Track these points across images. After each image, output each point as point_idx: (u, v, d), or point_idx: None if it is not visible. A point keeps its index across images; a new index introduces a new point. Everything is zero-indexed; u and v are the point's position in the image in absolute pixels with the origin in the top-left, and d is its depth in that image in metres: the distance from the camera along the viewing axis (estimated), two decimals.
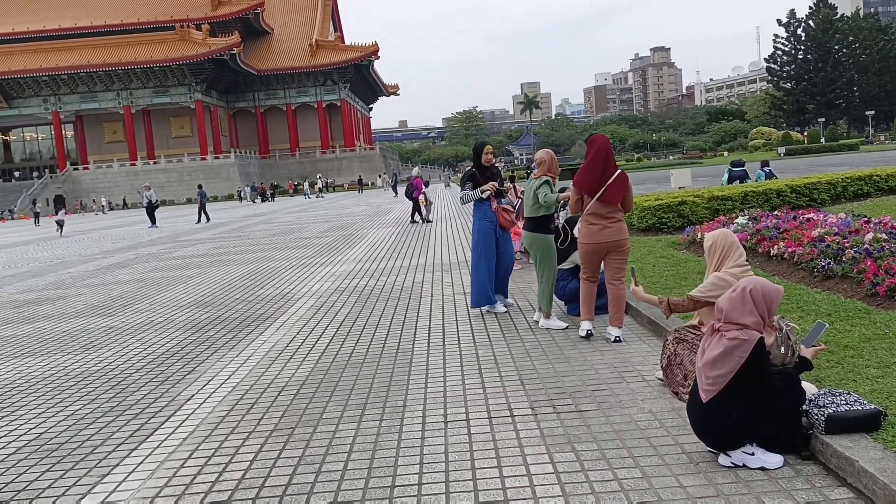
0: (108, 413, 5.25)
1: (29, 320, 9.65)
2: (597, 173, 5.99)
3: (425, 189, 23.02)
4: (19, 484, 4.06)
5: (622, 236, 6.06)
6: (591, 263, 6.18)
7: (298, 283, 11.01)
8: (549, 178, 6.67)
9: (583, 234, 6.17)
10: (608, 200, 5.99)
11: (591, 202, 5.99)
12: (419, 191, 22.24)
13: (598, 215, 6.01)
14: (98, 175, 78.83)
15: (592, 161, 6.03)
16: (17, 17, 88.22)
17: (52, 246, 24.90)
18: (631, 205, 6.18)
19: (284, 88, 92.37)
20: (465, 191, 7.55)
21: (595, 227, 6.02)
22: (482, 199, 7.48)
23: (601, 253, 6.09)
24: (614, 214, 6.03)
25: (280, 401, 5.20)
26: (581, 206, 6.12)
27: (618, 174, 6.00)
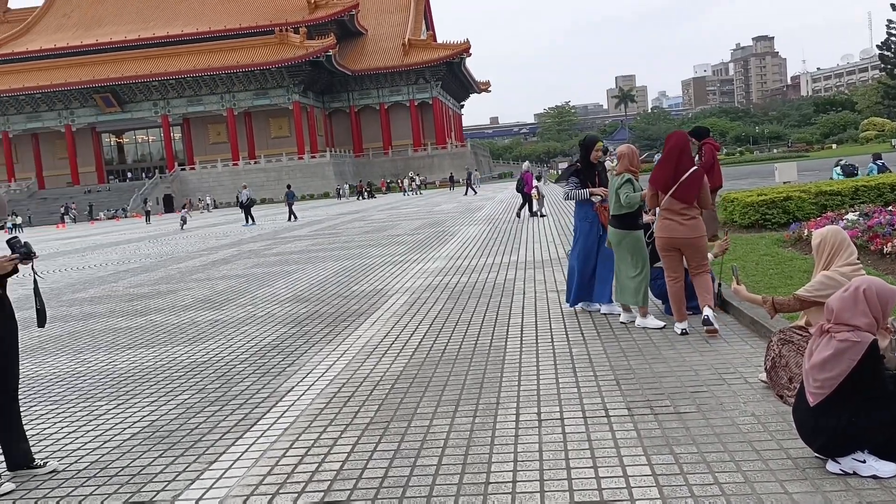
0: (215, 402, 5.49)
1: (142, 313, 10.20)
2: (670, 170, 6.02)
3: (538, 183, 23.05)
4: (134, 468, 4.31)
5: (697, 233, 6.03)
6: (669, 259, 6.20)
7: (391, 280, 11.19)
8: (631, 177, 6.57)
9: (658, 229, 6.23)
10: (681, 197, 5.99)
11: (665, 198, 6.04)
12: (530, 185, 22.26)
13: (673, 211, 6.03)
14: (203, 175, 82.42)
15: (666, 157, 6.11)
16: (129, 25, 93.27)
17: (162, 242, 26.23)
18: (707, 202, 6.18)
19: (378, 88, 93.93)
20: (569, 187, 7.30)
21: (669, 222, 6.05)
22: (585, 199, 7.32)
23: (675, 248, 6.11)
24: (689, 211, 6.02)
25: (375, 395, 5.31)
26: (657, 202, 6.18)
27: (692, 171, 5.99)
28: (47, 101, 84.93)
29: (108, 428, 5.12)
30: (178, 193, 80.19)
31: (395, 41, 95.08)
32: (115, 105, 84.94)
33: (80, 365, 7.21)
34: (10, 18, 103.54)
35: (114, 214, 71.12)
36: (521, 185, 22.60)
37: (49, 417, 5.51)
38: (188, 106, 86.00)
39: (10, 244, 4.30)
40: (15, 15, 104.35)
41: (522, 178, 22.73)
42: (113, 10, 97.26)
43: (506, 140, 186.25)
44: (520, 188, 22.75)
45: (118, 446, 4.72)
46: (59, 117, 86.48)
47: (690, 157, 6.18)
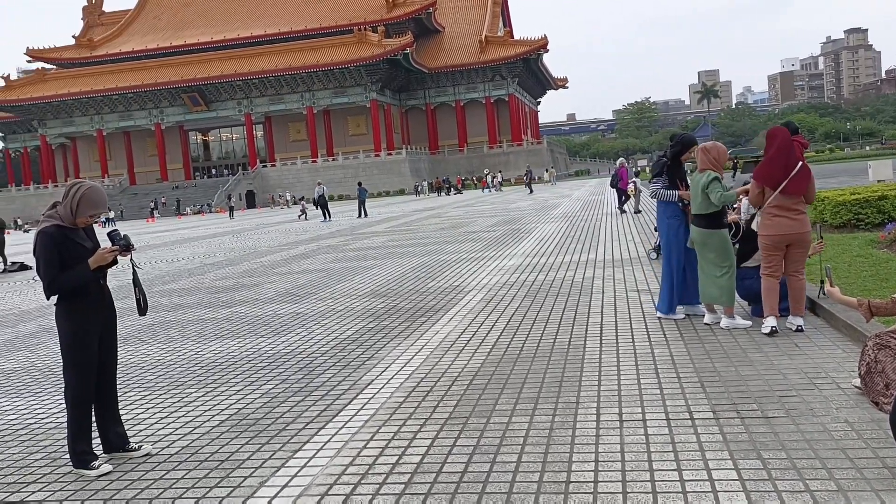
0: (298, 393, 5.63)
1: (227, 305, 10.53)
2: (779, 166, 5.97)
3: (635, 179, 22.75)
4: (223, 454, 4.46)
5: (805, 229, 6.03)
6: (773, 257, 6.11)
7: (468, 276, 11.23)
8: (717, 175, 6.40)
9: (765, 227, 6.10)
10: (792, 192, 5.96)
11: (773, 195, 5.97)
12: (625, 181, 22.01)
13: (782, 207, 5.98)
14: (283, 172, 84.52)
15: (775, 154, 6.02)
16: (214, 27, 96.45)
17: (245, 237, 27.03)
18: (813, 197, 6.14)
19: (454, 85, 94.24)
20: (658, 185, 7.07)
21: (778, 219, 5.99)
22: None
23: (783, 245, 6.03)
24: (797, 206, 6.00)
25: (454, 390, 5.34)
26: (762, 199, 6.09)
27: (800, 166, 5.94)
28: (139, 100, 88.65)
29: (197, 415, 5.32)
30: (260, 190, 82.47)
31: (471, 38, 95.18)
32: (202, 104, 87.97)
33: (171, 353, 7.51)
34: (104, 21, 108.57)
35: (199, 209, 73.74)
36: (616, 181, 22.34)
37: (142, 403, 5.76)
38: (270, 104, 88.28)
39: (110, 236, 4.52)
40: (109, 18, 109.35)
41: (617, 174, 22.45)
42: (199, 13, 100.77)
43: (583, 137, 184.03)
44: (614, 184, 22.49)
45: (207, 432, 4.90)
46: (149, 116, 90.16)
47: (797, 152, 6.08)
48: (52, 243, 4.30)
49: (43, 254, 4.30)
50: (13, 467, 4.56)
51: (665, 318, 7.05)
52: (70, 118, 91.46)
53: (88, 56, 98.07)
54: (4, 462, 4.67)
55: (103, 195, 4.46)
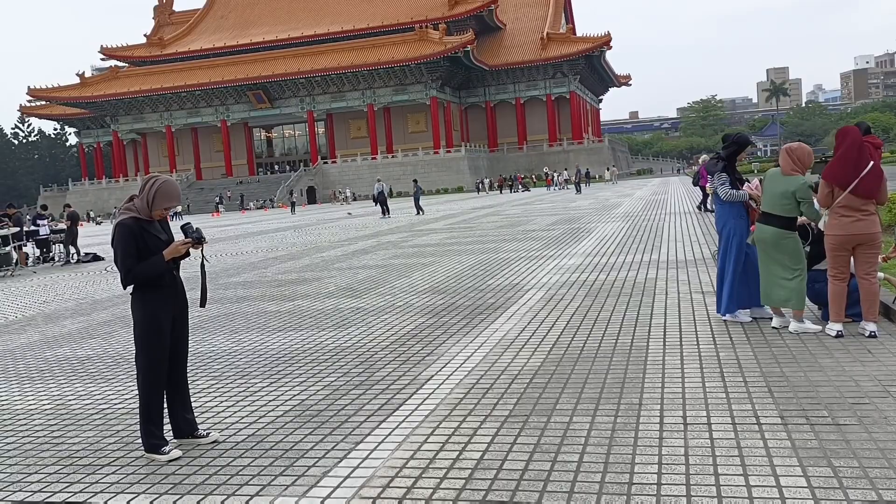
0: (359, 386, 5.71)
1: (290, 298, 10.74)
2: (850, 166, 5.87)
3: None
4: (287, 444, 4.56)
5: (875, 229, 5.90)
6: (840, 258, 6.01)
7: (527, 275, 11.18)
8: (811, 184, 6.27)
9: (832, 227, 5.99)
10: (862, 193, 5.85)
11: (842, 195, 5.88)
12: (706, 179, 21.60)
13: (851, 208, 5.88)
14: (344, 168, 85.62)
15: (845, 154, 5.92)
16: (279, 26, 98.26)
17: (306, 232, 27.48)
18: (885, 197, 6.01)
19: (514, 83, 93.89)
20: (726, 185, 6.86)
21: (847, 219, 5.89)
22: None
23: (850, 246, 5.93)
24: (867, 207, 5.89)
25: (514, 388, 5.34)
26: (831, 199, 5.99)
27: (871, 166, 5.82)
28: (206, 97, 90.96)
29: (262, 404, 5.44)
30: (321, 186, 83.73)
31: (533, 35, 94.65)
32: (266, 101, 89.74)
33: (236, 344, 7.70)
34: (174, 20, 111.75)
35: (262, 205, 75.28)
36: (697, 179, 21.87)
37: (210, 391, 5.93)
38: (332, 102, 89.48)
39: (183, 229, 4.66)
40: (179, 17, 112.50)
41: (699, 172, 21.98)
42: (265, 12, 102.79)
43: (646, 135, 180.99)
44: (696, 181, 22.04)
45: (271, 422, 5.01)
46: (215, 113, 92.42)
47: (868, 152, 5.91)
48: (129, 235, 4.45)
49: (121, 245, 4.46)
50: (88, 450, 4.75)
51: (731, 320, 6.90)
52: (141, 114, 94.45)
53: (159, 54, 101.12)
54: (80, 445, 4.87)
55: (177, 189, 4.61)
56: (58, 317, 10.75)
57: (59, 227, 23.14)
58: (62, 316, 10.81)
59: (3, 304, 12.94)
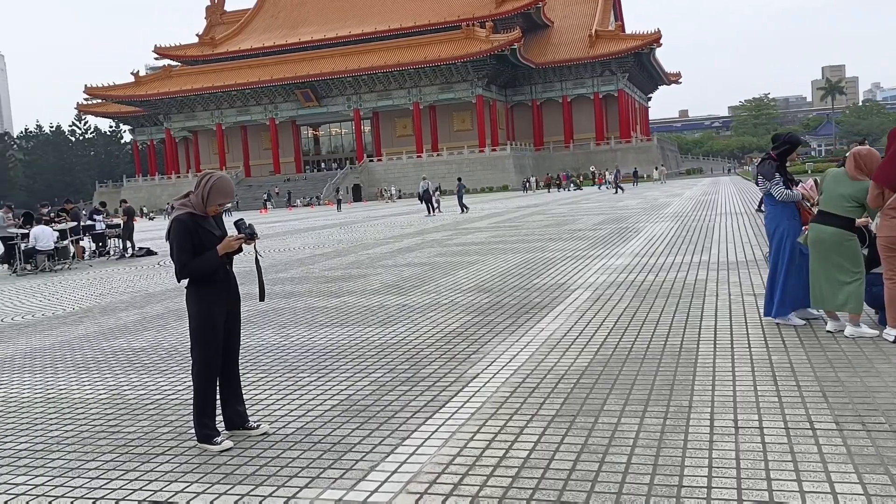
0: (405, 383, 5.75)
1: (336, 294, 10.86)
2: None
3: None
4: (334, 437, 4.62)
5: None
6: (893, 260, 5.85)
7: (573, 275, 11.11)
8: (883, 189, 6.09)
9: (884, 228, 5.84)
10: None
11: (893, 196, 5.75)
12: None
13: None
14: (389, 166, 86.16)
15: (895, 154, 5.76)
16: (328, 25, 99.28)
17: (352, 229, 27.74)
18: None
19: (561, 81, 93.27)
20: (780, 186, 6.72)
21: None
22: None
23: None
24: None
25: (560, 388, 5.31)
26: (882, 200, 5.85)
27: None
28: (255, 96, 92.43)
29: (310, 398, 5.52)
30: (366, 183, 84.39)
31: (581, 33, 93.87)
32: (314, 100, 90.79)
33: (284, 339, 7.82)
34: (225, 20, 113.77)
35: (309, 202, 76.21)
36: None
37: (259, 384, 6.03)
38: (378, 100, 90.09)
39: (236, 225, 4.75)
40: (230, 17, 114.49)
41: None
42: (314, 11, 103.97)
43: (696, 134, 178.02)
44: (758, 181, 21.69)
45: (319, 416, 5.08)
46: (264, 111, 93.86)
47: None
48: (185, 230, 4.56)
49: (176, 240, 4.57)
50: (143, 439, 4.88)
51: (783, 323, 6.75)
52: (192, 113, 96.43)
53: (210, 53, 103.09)
54: (135, 434, 5.00)
55: (231, 185, 4.69)
56: (113, 309, 11.06)
57: (115, 222, 23.77)
58: (117, 308, 11.11)
59: (61, 296, 13.35)
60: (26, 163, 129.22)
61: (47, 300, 12.80)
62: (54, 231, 19.18)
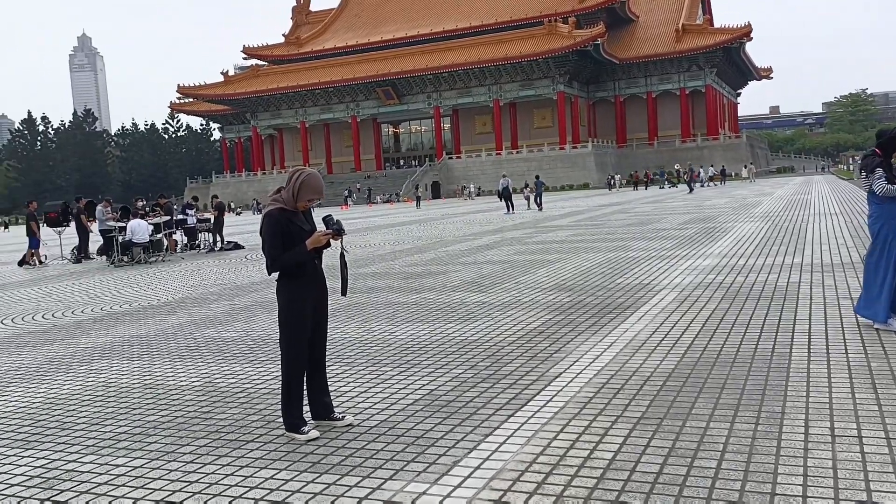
0: (487, 380, 5.75)
1: (416, 291, 10.95)
2: None
3: None
4: (418, 431, 4.66)
5: None
6: None
7: (658, 275, 10.87)
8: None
9: None
10: None
11: None
12: None
13: None
14: (468, 163, 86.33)
15: None
16: (409, 23, 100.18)
17: (431, 226, 27.95)
18: None
19: (646, 76, 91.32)
20: (882, 181, 6.42)
21: None
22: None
23: None
24: None
25: (646, 390, 5.21)
26: None
27: None
28: (338, 94, 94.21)
29: (393, 392, 5.59)
30: (445, 181, 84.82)
31: (667, 27, 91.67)
32: (394, 97, 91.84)
33: (367, 333, 7.94)
34: (311, 20, 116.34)
35: (388, 198, 77.19)
36: None
37: (343, 377, 6.15)
38: (458, 98, 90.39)
39: (324, 221, 4.85)
40: (315, 17, 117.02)
41: None
42: (396, 10, 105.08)
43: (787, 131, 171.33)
44: None
45: (402, 409, 5.14)
46: (346, 109, 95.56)
47: None
48: (275, 225, 4.69)
49: (268, 234, 4.70)
50: (233, 426, 5.05)
51: (884, 329, 6.43)
52: (278, 111, 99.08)
53: (295, 53, 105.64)
54: (226, 421, 5.18)
55: (321, 182, 4.80)
56: (204, 300, 11.48)
57: (205, 217, 24.67)
58: (208, 300, 11.53)
59: (156, 287, 13.95)
60: (123, 159, 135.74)
61: (143, 291, 13.40)
62: (149, 225, 20.06)
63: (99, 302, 12.19)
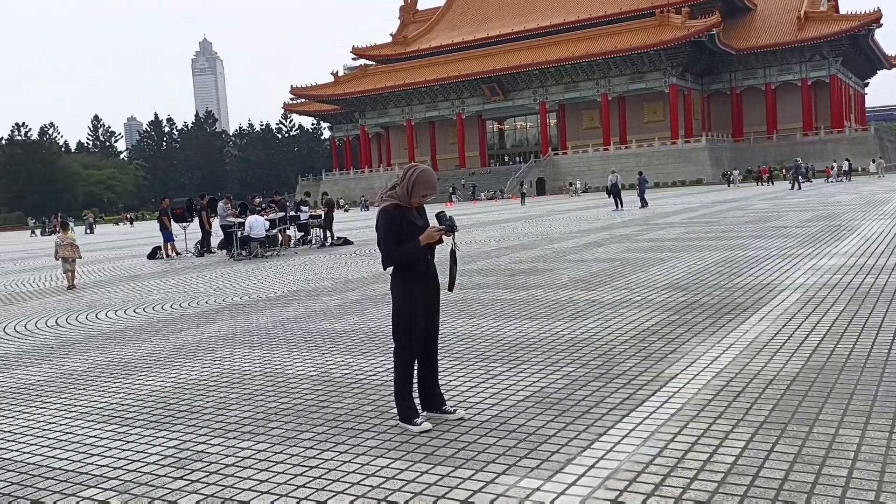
0: (599, 379, 5.67)
1: (523, 288, 10.92)
2: None
3: None
4: (529, 428, 4.65)
5: None
6: None
7: (779, 274, 10.38)
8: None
9: None
10: None
11: None
12: None
13: None
14: (574, 160, 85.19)
15: None
16: (515, 19, 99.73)
17: (536, 223, 27.78)
18: None
19: (764, 67, 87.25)
20: None
21: None
22: None
23: None
24: None
25: (768, 394, 4.99)
26: None
27: None
28: (443, 92, 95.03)
29: (503, 388, 5.60)
30: (550, 177, 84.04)
31: (787, 15, 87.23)
32: (500, 94, 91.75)
33: (475, 329, 7.99)
34: (417, 19, 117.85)
35: (492, 195, 77.24)
36: None
37: (453, 371, 6.21)
38: (564, 92, 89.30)
39: (437, 217, 4.91)
40: (422, 15, 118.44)
41: None
42: (502, 6, 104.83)
43: None
44: None
45: (513, 405, 5.14)
46: (451, 106, 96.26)
47: None
48: (390, 220, 4.79)
49: (383, 229, 4.81)
50: (349, 415, 5.20)
51: None
52: (385, 109, 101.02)
53: (402, 52, 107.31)
54: (342, 410, 5.34)
55: (434, 177, 4.86)
56: (317, 294, 11.87)
57: (317, 213, 25.48)
58: (321, 293, 11.91)
59: (272, 280, 14.54)
60: (240, 158, 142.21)
61: (260, 283, 14.00)
62: (265, 221, 20.92)
63: (221, 293, 12.82)
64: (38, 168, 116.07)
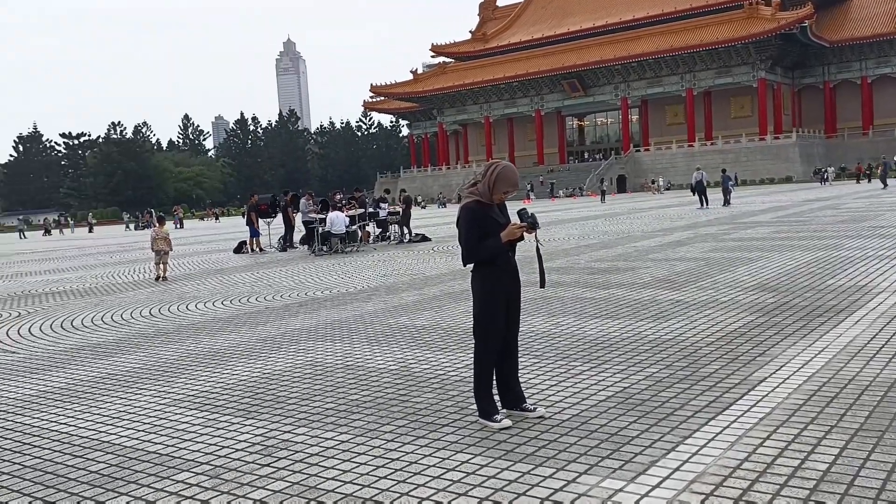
0: (683, 381, 5.54)
1: (603, 286, 10.76)
2: None
3: None
4: (611, 428, 4.59)
5: None
6: None
7: (876, 276, 9.90)
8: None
9: None
10: None
11: None
12: None
13: None
14: (657, 156, 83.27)
15: None
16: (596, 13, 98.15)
17: (617, 221, 27.31)
18: None
19: (861, 60, 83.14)
20: None
21: None
22: None
23: None
24: None
25: (864, 400, 4.78)
26: None
27: None
28: (522, 88, 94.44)
29: (584, 387, 5.54)
30: (632, 174, 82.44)
31: (887, 5, 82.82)
32: (580, 90, 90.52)
33: (555, 327, 7.93)
34: (497, 15, 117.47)
35: (571, 192, 76.38)
36: None
37: (533, 369, 6.18)
38: (647, 88, 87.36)
39: (519, 214, 4.89)
40: (501, 12, 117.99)
41: None
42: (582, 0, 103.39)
43: None
44: None
45: (595, 405, 5.08)
46: (530, 103, 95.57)
47: None
48: (472, 217, 4.80)
49: (464, 226, 4.83)
50: (429, 410, 5.25)
51: None
52: (463, 107, 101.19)
53: (481, 49, 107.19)
54: (423, 404, 5.39)
55: (516, 174, 4.85)
56: (396, 289, 12.01)
57: (395, 210, 25.79)
58: (399, 289, 12.05)
59: (352, 275, 14.80)
60: (320, 156, 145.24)
61: (341, 278, 14.27)
62: (346, 217, 21.31)
63: (303, 287, 13.13)
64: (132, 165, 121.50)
